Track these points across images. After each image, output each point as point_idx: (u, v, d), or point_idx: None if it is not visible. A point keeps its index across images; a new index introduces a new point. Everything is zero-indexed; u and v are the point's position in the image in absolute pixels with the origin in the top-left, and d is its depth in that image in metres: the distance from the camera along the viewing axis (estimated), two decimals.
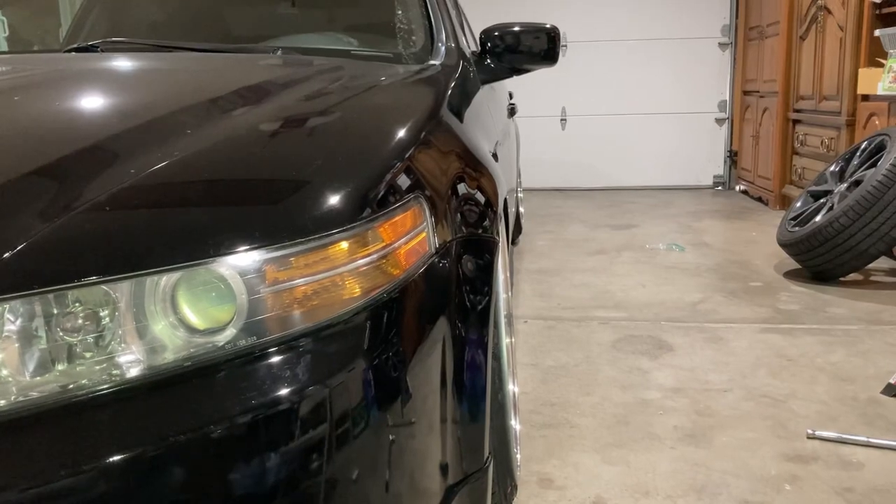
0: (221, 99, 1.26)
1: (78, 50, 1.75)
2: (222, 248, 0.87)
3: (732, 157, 6.31)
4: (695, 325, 2.80)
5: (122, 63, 1.54)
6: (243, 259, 0.87)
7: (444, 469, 1.10)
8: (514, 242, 4.29)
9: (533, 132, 6.20)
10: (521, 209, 4.54)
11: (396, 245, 1.03)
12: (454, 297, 1.15)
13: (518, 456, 1.66)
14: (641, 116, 6.36)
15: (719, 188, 6.39)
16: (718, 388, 2.23)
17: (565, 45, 6.28)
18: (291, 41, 2.07)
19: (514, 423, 1.71)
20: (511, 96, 3.71)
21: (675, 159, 6.39)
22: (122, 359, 0.83)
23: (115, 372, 0.83)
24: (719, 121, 6.36)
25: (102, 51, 1.74)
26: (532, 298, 3.24)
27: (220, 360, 0.85)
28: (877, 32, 3.83)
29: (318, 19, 2.27)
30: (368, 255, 0.98)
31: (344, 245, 0.95)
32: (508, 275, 1.77)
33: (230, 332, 0.86)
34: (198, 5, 2.40)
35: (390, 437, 0.98)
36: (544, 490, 1.69)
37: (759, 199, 5.64)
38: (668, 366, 2.41)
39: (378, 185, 1.05)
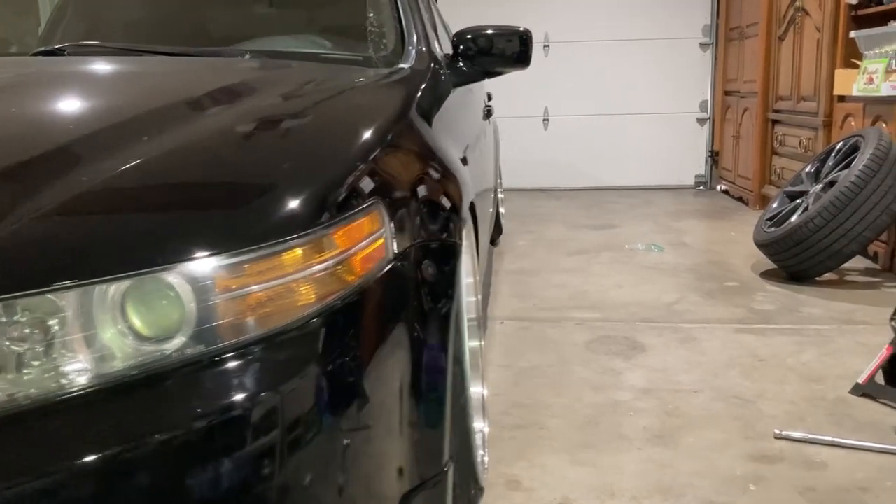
0: (182, 104, 1.26)
1: (45, 53, 1.74)
2: (172, 256, 0.87)
3: (714, 156, 6.35)
4: (669, 326, 2.82)
5: (85, 67, 1.54)
6: (193, 267, 0.88)
7: (400, 474, 1.10)
8: (494, 243, 4.30)
9: (515, 133, 6.21)
10: (502, 210, 4.55)
11: (352, 251, 1.03)
12: (413, 303, 1.16)
13: (485, 458, 1.66)
14: (624, 116, 6.39)
15: (701, 188, 6.43)
16: (689, 388, 2.24)
17: (547, 46, 6.30)
18: (262, 44, 2.07)
19: (483, 426, 1.72)
20: (490, 97, 3.71)
21: (657, 159, 6.42)
22: (70, 367, 0.83)
23: (62, 381, 0.83)
24: (701, 121, 6.39)
25: (69, 54, 1.73)
26: (509, 299, 3.25)
27: (169, 368, 0.85)
28: (852, 34, 3.87)
29: (290, 22, 2.26)
30: (323, 261, 0.99)
31: (298, 252, 0.96)
32: (479, 278, 1.77)
33: (179, 341, 0.87)
34: (169, 8, 2.40)
35: (344, 443, 0.99)
36: (511, 492, 1.70)
37: (740, 199, 5.68)
38: (641, 366, 2.42)
39: (335, 191, 1.05)
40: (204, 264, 0.88)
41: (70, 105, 1.25)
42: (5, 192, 0.92)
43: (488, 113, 3.04)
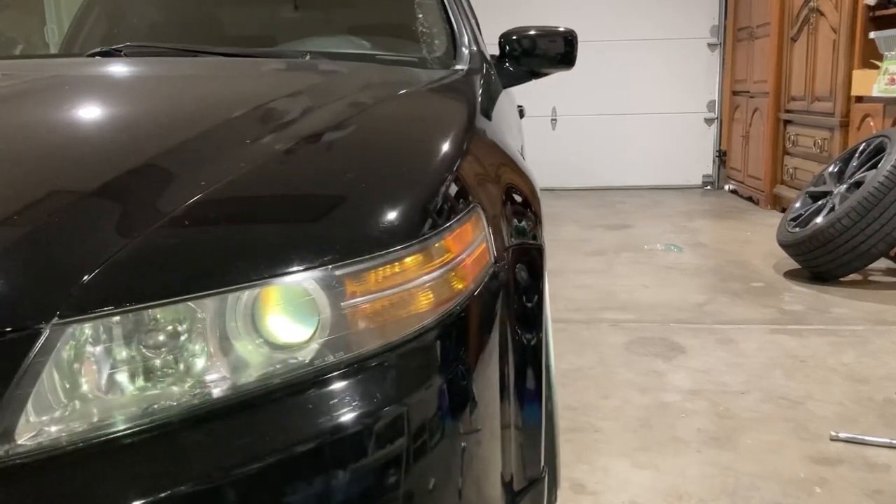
0: (270, 108, 1.24)
1: (101, 55, 1.71)
2: (304, 262, 0.85)
3: (721, 156, 6.37)
4: (704, 327, 2.82)
5: (159, 70, 1.51)
6: (324, 273, 0.86)
7: (510, 477, 1.10)
8: None
9: (524, 132, 6.20)
10: None
11: (464, 256, 1.02)
12: (513, 306, 1.15)
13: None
14: (631, 116, 6.40)
15: (708, 188, 6.45)
16: (735, 390, 2.24)
17: None
18: (308, 45, 2.05)
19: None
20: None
21: (665, 159, 6.43)
22: (208, 377, 0.82)
23: (200, 391, 0.81)
24: (708, 121, 6.41)
25: (126, 55, 1.70)
26: None
27: (309, 377, 0.84)
28: (872, 35, 3.88)
29: (337, 23, 2.24)
30: (438, 267, 0.97)
31: (417, 258, 0.94)
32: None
33: (314, 348, 0.85)
34: (201, 9, 2.37)
35: (461, 450, 0.97)
36: (577, 495, 1.69)
37: (750, 199, 5.69)
38: (683, 367, 2.42)
39: (443, 196, 1.04)
40: (334, 271, 0.87)
41: (163, 109, 1.23)
42: (129, 200, 0.90)
43: (521, 113, 3.03)
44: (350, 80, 1.50)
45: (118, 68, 1.52)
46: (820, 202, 3.53)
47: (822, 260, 3.30)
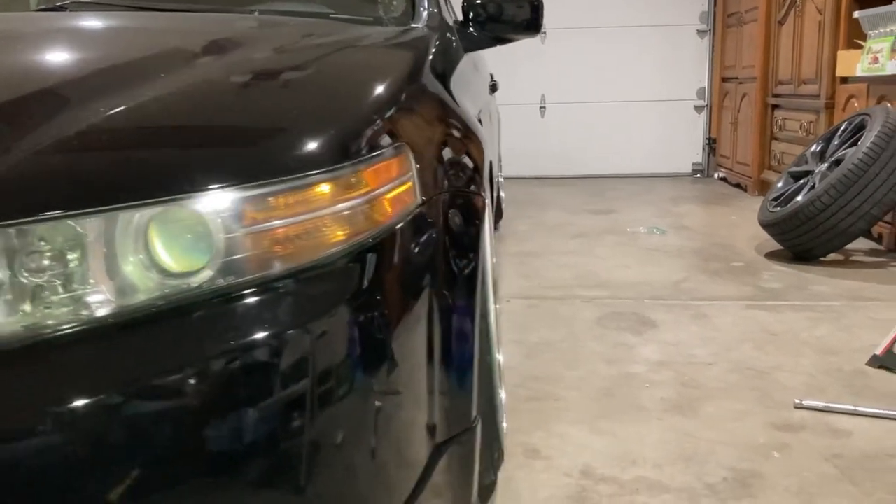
0: (198, 48, 1.20)
1: (46, 10, 1.68)
2: (199, 184, 0.82)
3: (711, 144, 6.32)
4: (678, 303, 2.78)
5: (95, 19, 1.48)
6: (221, 197, 0.82)
7: (430, 428, 1.05)
8: (495, 227, 4.25)
9: (512, 120, 6.16)
10: (502, 194, 4.50)
11: (381, 191, 0.98)
12: (441, 251, 1.11)
13: (504, 425, 1.62)
14: (620, 104, 6.35)
15: (698, 175, 6.40)
16: (703, 361, 2.21)
17: (544, 32, 6.24)
18: (267, 6, 2.01)
19: (501, 392, 1.67)
20: (491, 76, 3.67)
21: (654, 147, 6.38)
22: (91, 299, 0.78)
23: (83, 312, 0.78)
24: (698, 108, 6.36)
25: (71, 11, 1.67)
26: (515, 279, 3.20)
27: (197, 301, 0.80)
28: (856, 14, 3.84)
29: None
30: (352, 198, 0.93)
31: (326, 187, 0.91)
32: (494, 242, 1.73)
33: (206, 273, 0.81)
34: None
35: (373, 385, 0.93)
36: (531, 460, 1.65)
37: (738, 186, 5.65)
38: (653, 341, 2.38)
39: (363, 130, 1.00)
40: (231, 194, 0.83)
41: (84, 50, 1.19)
42: (20, 122, 0.87)
43: (493, 88, 2.99)
44: (290, 31, 1.46)
45: (55, 19, 1.49)
46: (801, 181, 3.49)
47: (803, 239, 3.27)
